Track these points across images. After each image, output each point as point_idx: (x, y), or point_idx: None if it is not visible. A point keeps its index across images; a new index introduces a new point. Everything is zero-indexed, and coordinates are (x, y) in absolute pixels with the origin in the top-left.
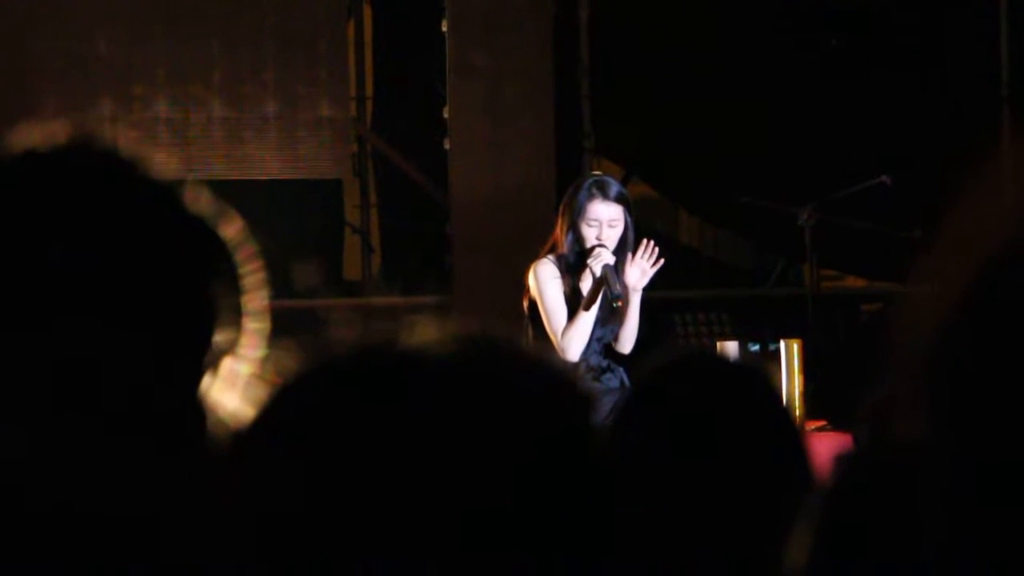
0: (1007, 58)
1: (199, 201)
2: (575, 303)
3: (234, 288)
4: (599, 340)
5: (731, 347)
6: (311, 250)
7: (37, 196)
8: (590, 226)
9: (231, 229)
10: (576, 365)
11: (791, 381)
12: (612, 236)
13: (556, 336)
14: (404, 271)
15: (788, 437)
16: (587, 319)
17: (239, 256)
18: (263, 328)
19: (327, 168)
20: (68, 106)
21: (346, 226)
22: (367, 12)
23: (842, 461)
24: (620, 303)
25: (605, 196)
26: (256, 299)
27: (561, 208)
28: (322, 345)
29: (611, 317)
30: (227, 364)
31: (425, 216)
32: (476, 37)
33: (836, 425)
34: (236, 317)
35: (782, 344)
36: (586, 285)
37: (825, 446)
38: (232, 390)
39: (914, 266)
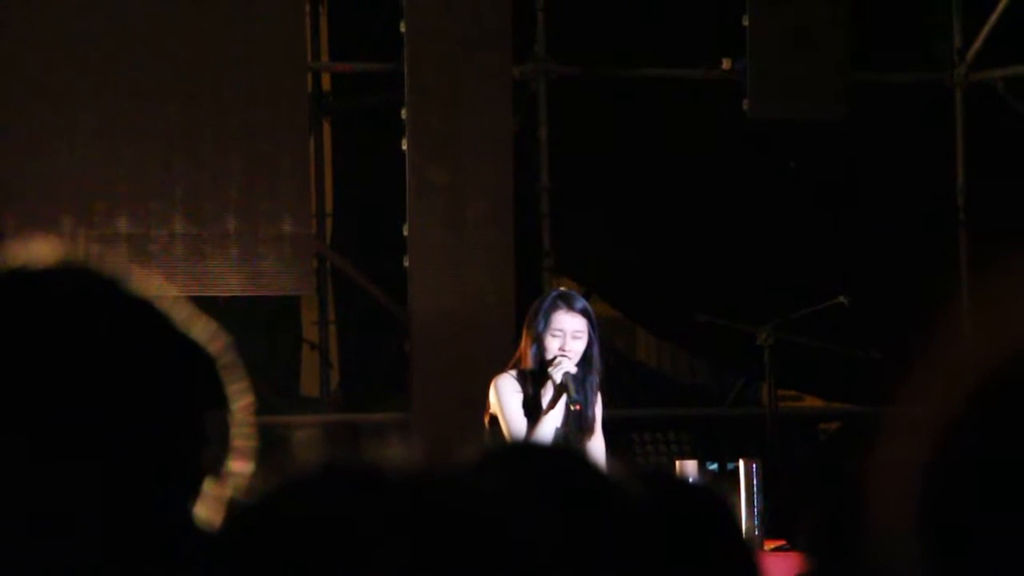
0: (963, 181)
1: (187, 319)
2: (536, 414)
3: (222, 406)
4: None
5: (690, 466)
6: (268, 366)
7: (23, 316)
8: (554, 336)
9: (218, 347)
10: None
11: (749, 500)
12: (576, 348)
13: None
14: (363, 388)
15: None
16: (547, 424)
17: (226, 374)
18: (251, 445)
19: (289, 284)
20: (28, 222)
21: (304, 343)
22: (327, 129)
23: None
24: (578, 406)
25: (570, 307)
26: (243, 417)
27: (526, 322)
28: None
29: (576, 435)
30: (213, 483)
31: (384, 333)
32: (436, 154)
33: (795, 545)
34: (224, 435)
35: (740, 463)
36: (547, 397)
37: (783, 566)
38: (218, 508)
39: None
